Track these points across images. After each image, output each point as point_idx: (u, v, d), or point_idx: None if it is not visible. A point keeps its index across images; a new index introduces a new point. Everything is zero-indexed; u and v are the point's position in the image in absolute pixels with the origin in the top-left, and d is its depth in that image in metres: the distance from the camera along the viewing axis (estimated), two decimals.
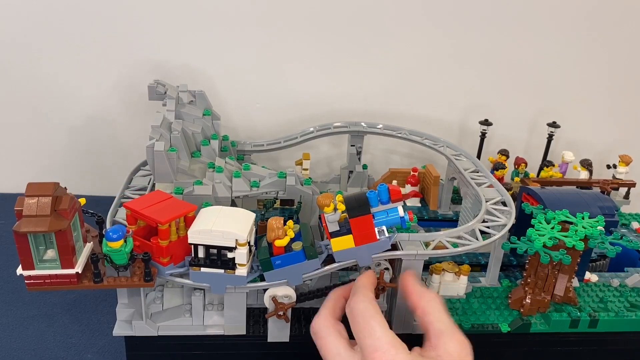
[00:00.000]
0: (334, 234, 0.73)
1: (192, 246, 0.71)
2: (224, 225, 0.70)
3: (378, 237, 0.73)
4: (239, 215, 0.74)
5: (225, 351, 0.82)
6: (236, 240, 0.70)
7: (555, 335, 0.86)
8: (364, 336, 0.64)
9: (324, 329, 0.68)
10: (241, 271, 0.72)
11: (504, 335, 0.85)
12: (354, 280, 0.79)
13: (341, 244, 0.74)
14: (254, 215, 0.75)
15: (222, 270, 0.72)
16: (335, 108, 1.30)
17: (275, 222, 0.72)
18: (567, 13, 1.26)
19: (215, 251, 0.71)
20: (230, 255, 0.71)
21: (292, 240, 0.73)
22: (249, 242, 0.71)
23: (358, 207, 0.72)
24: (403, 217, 0.73)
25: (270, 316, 0.77)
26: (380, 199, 0.73)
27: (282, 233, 0.72)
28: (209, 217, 0.72)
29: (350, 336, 0.68)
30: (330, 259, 0.76)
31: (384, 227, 0.74)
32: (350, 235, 0.73)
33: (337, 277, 0.84)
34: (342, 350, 0.65)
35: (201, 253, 0.71)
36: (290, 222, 0.74)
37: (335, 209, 0.72)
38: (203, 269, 0.72)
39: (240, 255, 0.71)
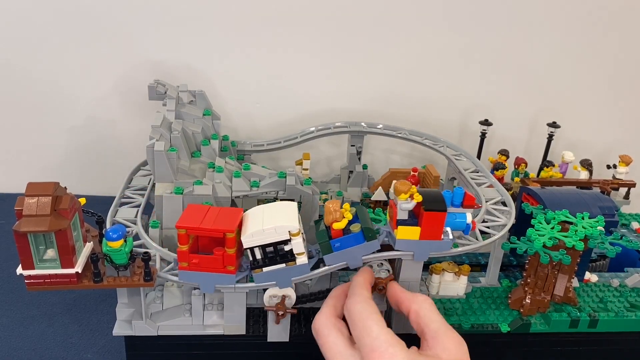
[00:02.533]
0: (401, 222, 0.74)
1: (249, 251, 0.71)
2: (273, 221, 0.71)
3: (442, 237, 0.74)
4: (282, 208, 0.75)
5: (225, 351, 0.82)
6: (289, 231, 0.70)
7: (555, 335, 0.86)
8: (362, 336, 0.64)
9: (325, 327, 0.69)
10: (302, 259, 0.73)
11: (504, 335, 0.85)
12: None
13: (406, 234, 0.74)
14: (295, 204, 0.75)
15: (283, 265, 0.73)
16: (335, 108, 1.30)
17: (332, 205, 0.73)
18: (567, 13, 1.25)
19: (271, 249, 0.71)
20: (287, 248, 0.72)
21: (350, 222, 0.73)
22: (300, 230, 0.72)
23: (435, 202, 0.72)
24: (469, 224, 0.75)
25: (269, 309, 0.77)
26: (453, 200, 0.74)
27: (339, 215, 0.72)
28: (255, 218, 0.72)
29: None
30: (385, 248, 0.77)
31: (449, 229, 0.75)
32: (418, 228, 0.73)
33: (337, 277, 0.84)
34: (343, 348, 0.66)
35: (258, 254, 0.72)
36: (346, 205, 0.74)
37: (410, 198, 0.72)
38: (265, 269, 0.73)
39: (297, 245, 0.72)
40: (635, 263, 1.03)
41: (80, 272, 0.69)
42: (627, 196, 1.15)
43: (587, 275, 0.94)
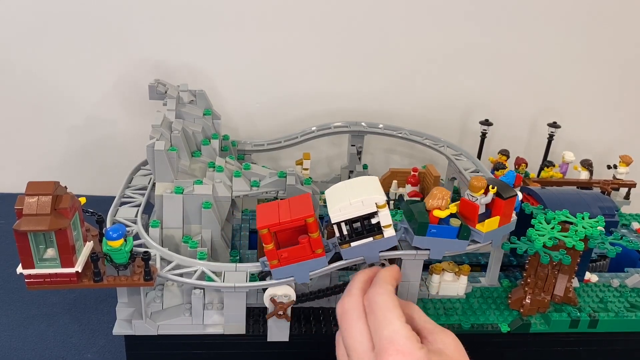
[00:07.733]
0: (482, 217, 0.75)
1: (336, 226, 0.72)
2: (359, 195, 0.70)
3: None
4: (366, 182, 0.75)
5: (225, 351, 0.82)
6: (376, 203, 0.70)
7: (555, 335, 0.86)
8: (382, 327, 0.64)
9: (355, 311, 0.67)
10: (389, 232, 0.73)
11: (503, 336, 0.84)
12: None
13: (490, 226, 0.75)
14: (376, 177, 0.76)
15: (370, 238, 0.73)
16: (335, 108, 1.30)
17: (440, 192, 0.73)
18: (567, 13, 1.26)
19: (358, 224, 0.72)
20: (373, 221, 0.72)
21: (451, 215, 0.74)
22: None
23: (507, 190, 0.74)
24: (519, 202, 0.79)
25: (270, 317, 0.77)
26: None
27: (444, 204, 0.73)
28: (340, 194, 0.72)
29: None
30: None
31: None
32: (497, 217, 0.75)
33: (337, 277, 0.84)
34: (366, 340, 0.65)
35: (345, 230, 0.72)
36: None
37: (485, 192, 0.74)
38: (353, 244, 0.73)
39: (385, 216, 0.71)
40: (636, 263, 1.03)
41: (80, 271, 0.69)
42: (627, 196, 1.15)
43: (587, 275, 0.94)
